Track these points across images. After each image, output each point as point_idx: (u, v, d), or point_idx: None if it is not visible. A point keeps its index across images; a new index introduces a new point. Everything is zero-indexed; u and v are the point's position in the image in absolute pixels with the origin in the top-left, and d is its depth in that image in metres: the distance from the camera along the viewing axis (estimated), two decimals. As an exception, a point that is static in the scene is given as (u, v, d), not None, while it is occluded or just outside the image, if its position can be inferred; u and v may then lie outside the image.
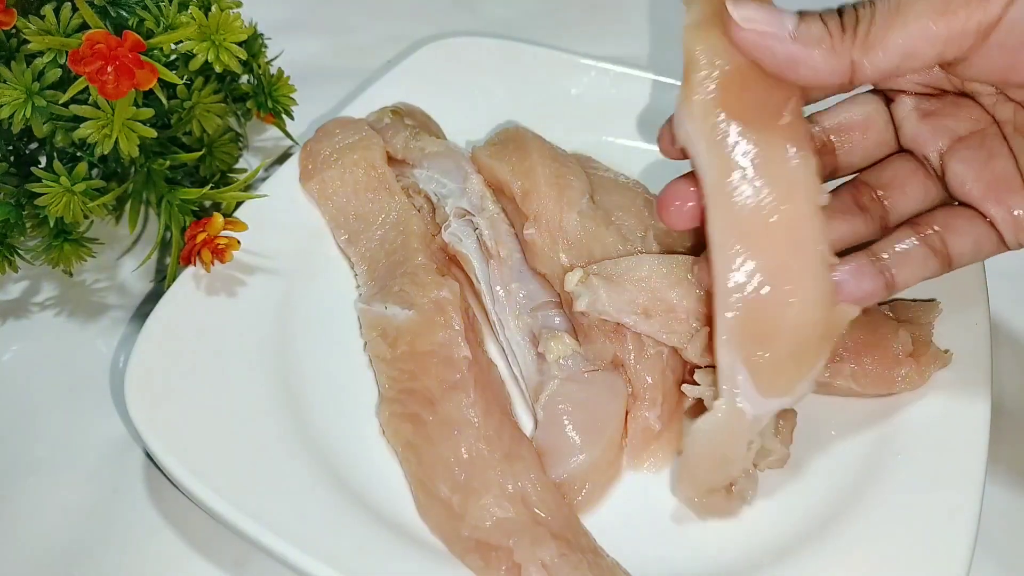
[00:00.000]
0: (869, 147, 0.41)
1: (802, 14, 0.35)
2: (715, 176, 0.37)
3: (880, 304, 0.46)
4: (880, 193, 0.40)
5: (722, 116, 0.36)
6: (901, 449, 0.41)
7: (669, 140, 0.39)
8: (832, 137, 0.41)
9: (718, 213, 0.37)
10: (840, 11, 0.35)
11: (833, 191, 0.40)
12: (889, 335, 0.43)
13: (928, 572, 0.37)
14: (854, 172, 0.42)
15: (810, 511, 0.40)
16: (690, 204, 0.38)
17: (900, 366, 0.43)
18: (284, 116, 0.54)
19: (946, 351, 0.44)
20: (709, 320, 0.39)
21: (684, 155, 0.38)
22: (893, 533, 0.38)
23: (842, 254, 0.39)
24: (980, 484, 0.39)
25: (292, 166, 0.52)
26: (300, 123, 0.57)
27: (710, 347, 0.39)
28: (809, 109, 0.42)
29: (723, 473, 0.39)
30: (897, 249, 0.38)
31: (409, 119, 0.55)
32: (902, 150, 0.41)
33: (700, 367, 0.40)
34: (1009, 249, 0.38)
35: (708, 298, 0.40)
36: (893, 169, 0.41)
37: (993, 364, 0.43)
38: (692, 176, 0.38)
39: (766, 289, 0.36)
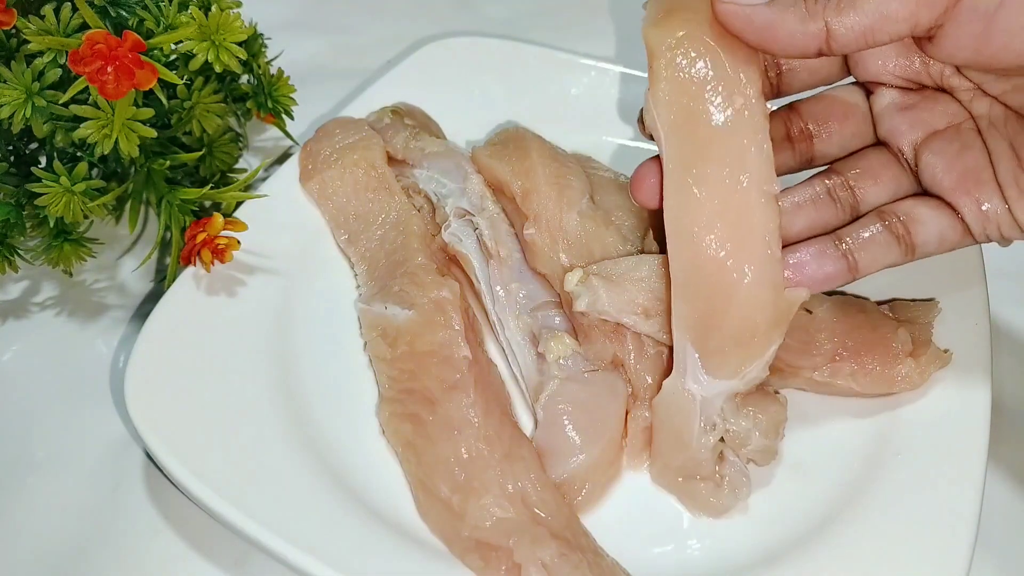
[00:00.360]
0: (846, 137, 0.42)
1: None
2: (670, 162, 0.39)
3: (880, 304, 0.46)
4: (852, 183, 0.41)
5: (678, 104, 0.38)
6: (901, 449, 0.41)
7: (642, 123, 0.41)
8: (810, 125, 0.42)
9: (672, 198, 0.39)
10: None
11: (806, 180, 0.42)
12: (889, 334, 0.43)
13: (928, 572, 0.37)
14: (830, 162, 0.43)
15: (810, 511, 0.40)
16: (652, 181, 0.40)
17: (900, 365, 0.43)
18: (284, 116, 0.54)
19: (946, 351, 0.44)
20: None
21: (653, 138, 0.40)
22: (893, 533, 0.38)
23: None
24: (980, 484, 0.39)
25: (292, 166, 0.52)
26: (300, 123, 0.57)
27: (668, 328, 0.40)
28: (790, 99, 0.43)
29: (680, 450, 0.40)
30: (861, 235, 0.39)
31: (409, 119, 0.55)
32: (878, 143, 0.42)
33: None
34: (977, 242, 0.38)
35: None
36: (867, 160, 0.41)
37: (993, 364, 0.43)
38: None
39: (712, 273, 0.38)
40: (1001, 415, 0.46)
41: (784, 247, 0.39)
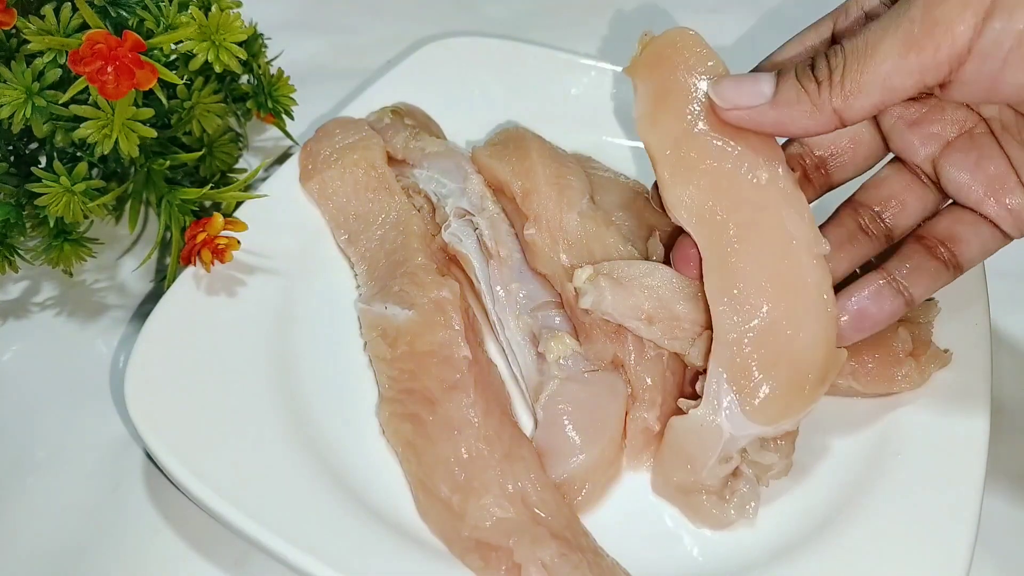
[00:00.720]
0: (859, 160, 0.42)
1: (779, 73, 0.36)
2: (707, 247, 0.40)
3: None
4: (878, 209, 0.41)
5: (700, 201, 0.39)
6: (901, 449, 0.41)
7: (659, 204, 0.41)
8: (818, 152, 0.42)
9: (715, 272, 0.40)
10: (813, 63, 0.35)
11: (833, 217, 0.42)
12: (889, 334, 0.43)
13: (928, 572, 0.37)
14: (847, 181, 0.43)
15: (810, 511, 0.40)
16: (694, 252, 0.41)
17: (900, 365, 0.43)
18: (284, 116, 0.54)
19: (946, 350, 0.44)
20: (711, 325, 0.40)
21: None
22: (893, 533, 0.38)
23: (853, 275, 0.40)
24: (980, 484, 0.39)
25: (292, 166, 0.52)
26: (300, 123, 0.57)
27: (671, 334, 0.41)
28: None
29: (688, 474, 0.40)
30: (909, 266, 0.39)
31: (409, 119, 0.55)
32: (892, 159, 0.42)
33: (702, 371, 0.40)
34: (1013, 239, 0.39)
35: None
36: (889, 186, 0.41)
37: (993, 364, 0.43)
38: None
39: (767, 334, 0.38)
40: (1001, 415, 0.46)
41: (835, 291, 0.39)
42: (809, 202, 0.42)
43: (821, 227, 0.41)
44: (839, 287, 0.40)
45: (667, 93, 0.39)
